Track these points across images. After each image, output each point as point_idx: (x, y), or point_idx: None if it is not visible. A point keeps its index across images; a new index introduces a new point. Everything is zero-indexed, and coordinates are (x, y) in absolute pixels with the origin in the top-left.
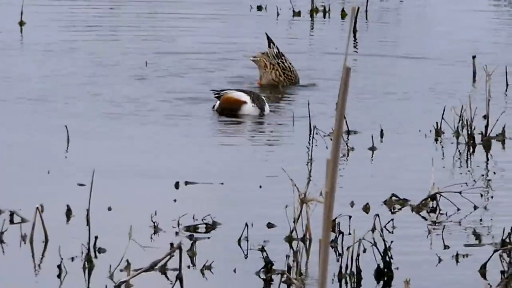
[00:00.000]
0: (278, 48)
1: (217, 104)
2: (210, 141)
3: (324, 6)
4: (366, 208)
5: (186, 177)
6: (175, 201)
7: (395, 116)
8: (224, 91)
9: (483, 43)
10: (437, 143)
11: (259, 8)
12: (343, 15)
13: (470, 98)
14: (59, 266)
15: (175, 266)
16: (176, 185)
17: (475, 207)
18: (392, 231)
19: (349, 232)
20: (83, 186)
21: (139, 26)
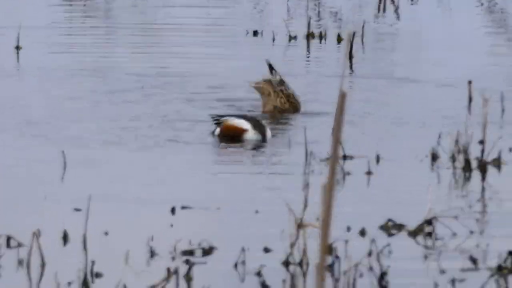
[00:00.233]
0: (281, 75)
1: (217, 131)
2: (207, 166)
3: (320, 31)
4: (363, 233)
5: (183, 202)
6: (172, 226)
7: (391, 141)
8: (224, 118)
9: (479, 67)
10: (433, 168)
11: (255, 34)
12: (339, 40)
13: (466, 123)
14: None
15: None
16: (173, 210)
17: (471, 232)
18: (389, 256)
19: (346, 257)
20: (80, 211)
21: (136, 51)
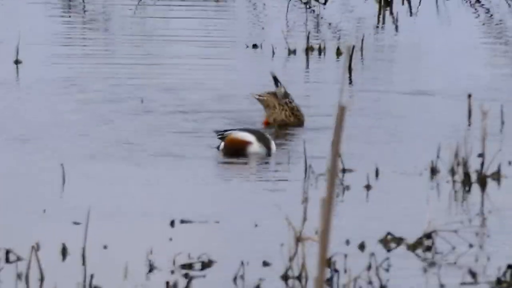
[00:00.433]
0: (285, 88)
1: (222, 145)
2: (206, 180)
3: (319, 45)
4: (362, 247)
5: (182, 216)
6: (171, 240)
7: (391, 154)
8: (228, 132)
9: (479, 80)
10: (433, 182)
11: (254, 47)
12: (339, 53)
13: (466, 136)
14: None
15: None
16: (172, 224)
17: (471, 246)
18: (388, 270)
19: (345, 271)
20: (79, 225)
21: (135, 63)
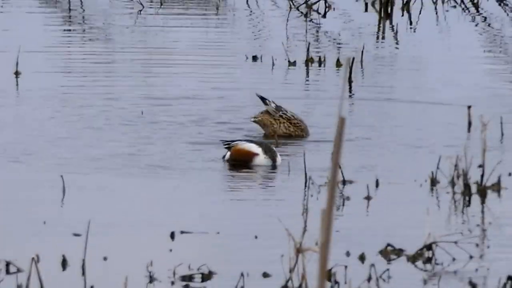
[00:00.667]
0: (275, 102)
1: (227, 155)
2: (206, 191)
3: (319, 56)
4: (362, 258)
5: (182, 227)
6: (171, 251)
7: (391, 165)
8: (235, 142)
9: (479, 90)
10: (433, 193)
11: (254, 58)
12: (338, 65)
13: (466, 147)
14: None
15: None
16: (172, 235)
17: (471, 257)
18: (388, 281)
19: (345, 282)
20: (79, 236)
21: (134, 74)
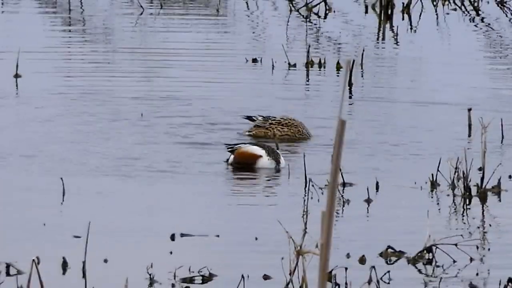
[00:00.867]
0: (261, 115)
1: (231, 158)
2: (206, 194)
3: (320, 58)
4: (362, 260)
5: (182, 230)
6: (171, 253)
7: (391, 168)
8: (238, 145)
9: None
10: (433, 195)
11: (254, 61)
12: (338, 67)
13: (466, 150)
14: None
15: None
16: (172, 237)
17: (471, 259)
18: (389, 283)
19: (346, 284)
20: (79, 238)
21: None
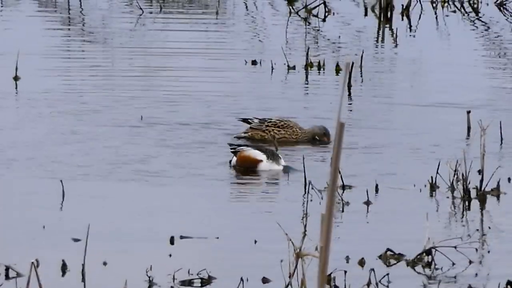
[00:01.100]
0: (257, 117)
1: (234, 160)
2: (205, 196)
3: (319, 61)
4: (362, 263)
5: (181, 232)
6: (170, 256)
7: (390, 170)
8: (240, 148)
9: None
10: (432, 198)
11: (254, 63)
12: (338, 69)
13: (465, 152)
14: None
15: None
16: (172, 240)
17: (470, 262)
18: (388, 286)
19: (345, 287)
20: (78, 241)
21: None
